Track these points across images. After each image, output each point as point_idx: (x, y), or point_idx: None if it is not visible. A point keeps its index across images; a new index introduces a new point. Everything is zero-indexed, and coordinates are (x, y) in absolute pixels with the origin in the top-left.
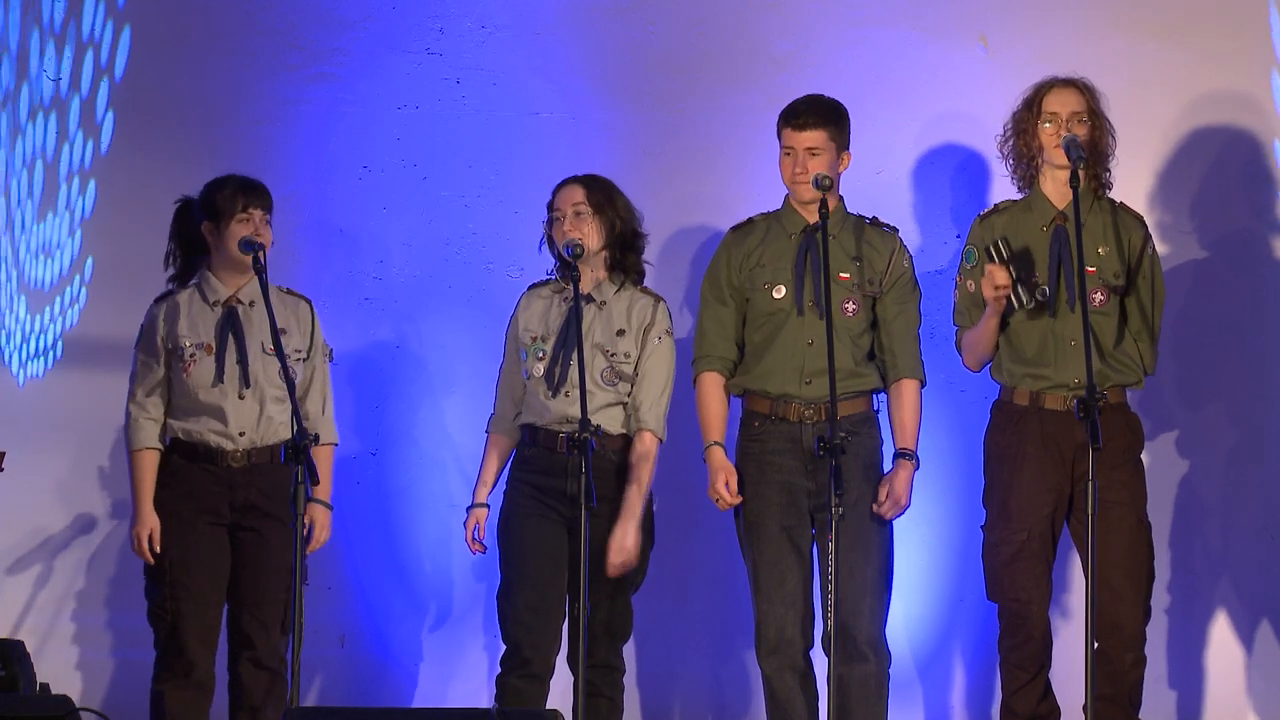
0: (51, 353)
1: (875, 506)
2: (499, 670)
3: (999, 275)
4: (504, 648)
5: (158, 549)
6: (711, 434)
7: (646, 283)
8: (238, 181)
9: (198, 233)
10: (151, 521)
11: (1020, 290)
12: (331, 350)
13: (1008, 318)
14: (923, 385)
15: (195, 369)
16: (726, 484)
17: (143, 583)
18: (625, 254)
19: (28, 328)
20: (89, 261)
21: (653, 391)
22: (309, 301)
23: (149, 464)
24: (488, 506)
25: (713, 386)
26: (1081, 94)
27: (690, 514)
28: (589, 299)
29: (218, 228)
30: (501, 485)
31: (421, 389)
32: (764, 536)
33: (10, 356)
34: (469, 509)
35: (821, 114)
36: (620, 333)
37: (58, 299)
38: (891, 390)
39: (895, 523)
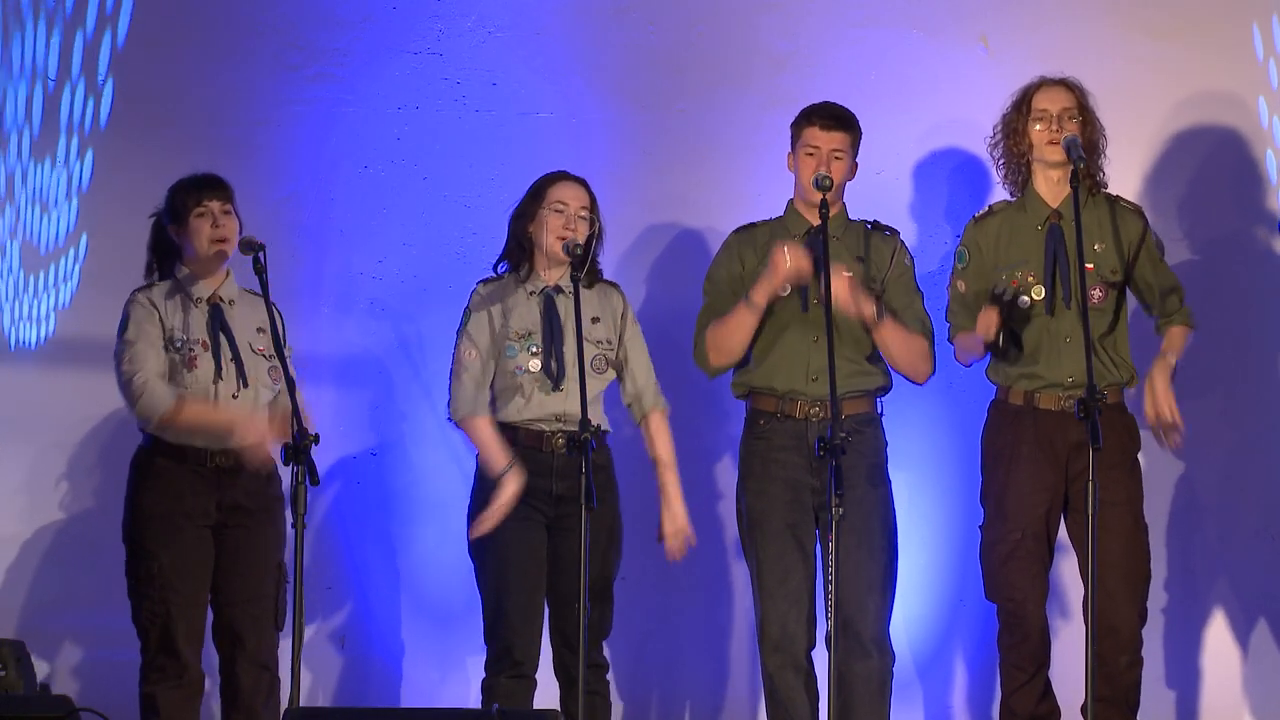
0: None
1: None
2: (485, 674)
3: (991, 318)
4: (490, 650)
5: (264, 426)
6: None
7: (648, 279)
8: (191, 180)
9: (171, 241)
10: (238, 417)
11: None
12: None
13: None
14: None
15: (200, 365)
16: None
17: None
18: (593, 259)
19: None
20: (86, 262)
21: (648, 372)
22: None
23: (191, 406)
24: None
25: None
26: (1071, 91)
27: (689, 513)
28: (558, 290)
29: (181, 228)
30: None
31: (421, 389)
32: (768, 534)
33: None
34: (501, 476)
35: (846, 119)
36: (595, 320)
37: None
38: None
39: (896, 523)
